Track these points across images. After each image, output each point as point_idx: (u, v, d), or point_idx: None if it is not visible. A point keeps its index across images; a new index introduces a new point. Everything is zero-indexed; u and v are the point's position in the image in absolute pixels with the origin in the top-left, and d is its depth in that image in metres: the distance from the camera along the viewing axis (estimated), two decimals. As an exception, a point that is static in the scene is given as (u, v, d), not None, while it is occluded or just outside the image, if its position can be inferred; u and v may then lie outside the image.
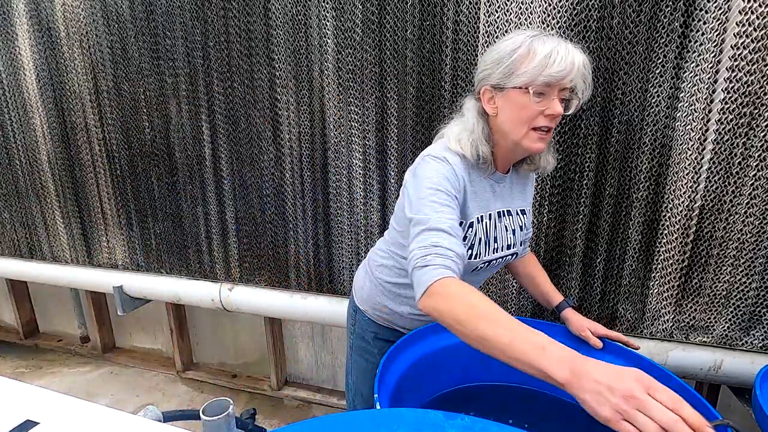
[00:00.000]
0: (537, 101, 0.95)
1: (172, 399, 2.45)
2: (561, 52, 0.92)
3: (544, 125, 0.97)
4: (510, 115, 0.99)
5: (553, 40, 0.93)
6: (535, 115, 0.96)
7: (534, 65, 0.92)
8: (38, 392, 0.78)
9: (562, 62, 0.91)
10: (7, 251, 2.58)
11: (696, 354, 1.56)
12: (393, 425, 0.59)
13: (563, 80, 0.93)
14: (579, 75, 0.95)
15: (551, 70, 0.91)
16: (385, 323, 1.25)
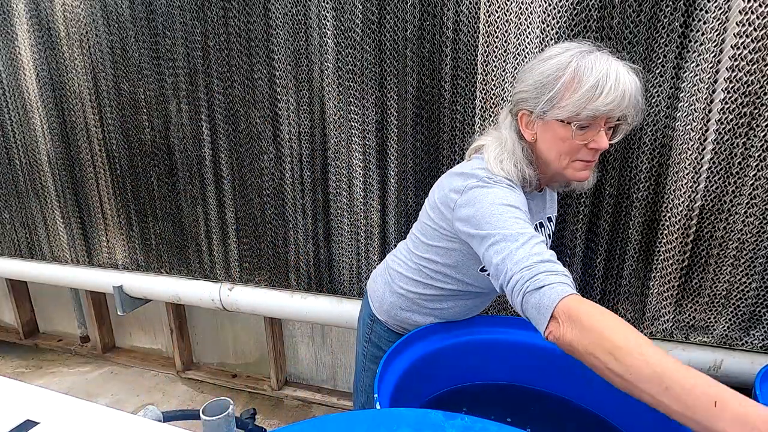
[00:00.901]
0: (580, 134, 0.85)
1: (172, 399, 2.45)
2: (611, 80, 0.80)
3: (586, 158, 0.88)
4: (550, 146, 0.90)
5: (602, 62, 0.82)
6: (577, 149, 0.88)
7: (578, 97, 0.81)
8: (38, 392, 0.78)
9: (611, 93, 0.80)
10: (7, 251, 2.58)
11: (696, 354, 1.56)
12: (393, 425, 0.59)
13: (612, 113, 0.83)
14: (630, 106, 0.84)
15: (598, 104, 0.81)
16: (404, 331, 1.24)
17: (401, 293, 1.20)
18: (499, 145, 0.95)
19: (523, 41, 1.47)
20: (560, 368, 1.24)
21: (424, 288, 1.17)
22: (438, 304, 1.18)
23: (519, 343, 1.27)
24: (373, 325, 1.28)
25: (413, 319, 1.21)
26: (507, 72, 1.52)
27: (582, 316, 0.70)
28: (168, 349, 2.72)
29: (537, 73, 0.88)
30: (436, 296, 1.17)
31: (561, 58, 0.85)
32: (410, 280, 1.18)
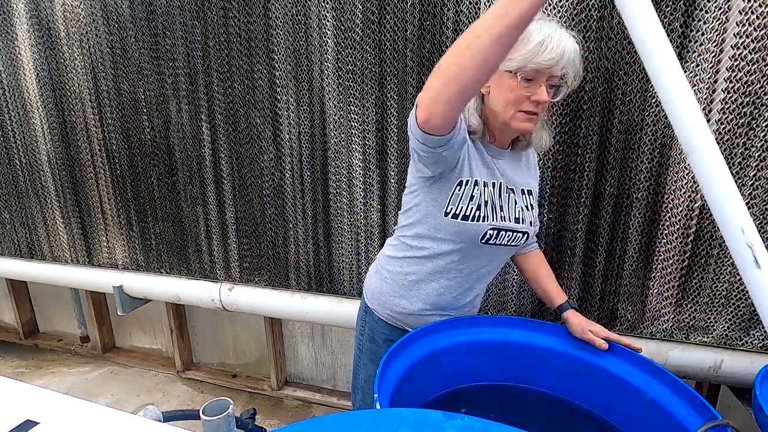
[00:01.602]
0: (525, 86, 0.98)
1: (172, 399, 2.45)
2: (554, 40, 0.94)
3: (528, 109, 1.01)
4: (499, 96, 1.03)
5: (549, 27, 0.96)
6: (522, 99, 1.00)
7: (525, 52, 0.95)
8: (38, 392, 0.78)
9: (552, 51, 0.94)
10: (7, 251, 2.58)
11: (696, 354, 1.56)
12: (393, 425, 0.59)
13: (552, 68, 0.96)
14: (569, 64, 0.98)
15: (541, 58, 0.94)
16: (397, 323, 1.24)
17: (387, 277, 1.23)
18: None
19: (523, 41, 1.47)
20: (560, 368, 1.25)
21: (407, 263, 1.19)
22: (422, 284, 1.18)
23: (519, 343, 1.28)
24: (367, 317, 1.30)
25: (401, 305, 1.21)
26: (507, 72, 1.52)
27: (434, 73, 0.85)
28: (168, 349, 2.72)
29: None
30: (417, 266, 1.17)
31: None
32: (394, 259, 1.22)
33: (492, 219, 1.09)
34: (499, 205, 1.11)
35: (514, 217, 1.14)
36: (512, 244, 1.17)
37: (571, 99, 1.48)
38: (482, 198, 1.08)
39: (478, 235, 1.09)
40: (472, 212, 1.07)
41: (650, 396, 1.10)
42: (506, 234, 1.13)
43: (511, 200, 1.14)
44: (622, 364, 1.18)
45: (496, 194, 1.11)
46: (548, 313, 1.70)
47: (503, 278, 1.71)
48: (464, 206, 1.07)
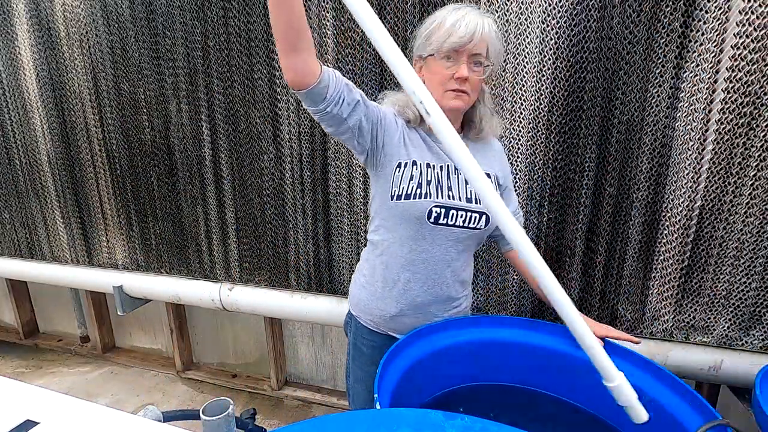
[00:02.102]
0: (447, 66, 1.06)
1: (172, 399, 2.45)
2: (465, 20, 1.02)
3: (454, 88, 1.07)
4: (430, 80, 1.10)
5: (463, 11, 1.04)
6: (446, 78, 1.06)
7: (440, 34, 1.04)
8: (38, 392, 0.78)
9: (464, 30, 1.02)
10: (7, 251, 2.58)
11: (696, 354, 1.56)
12: (393, 425, 0.59)
13: (466, 46, 1.03)
14: (483, 41, 1.04)
15: (454, 38, 1.02)
16: (380, 329, 1.24)
17: (363, 282, 1.25)
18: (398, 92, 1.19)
19: (523, 41, 1.47)
20: (560, 368, 1.25)
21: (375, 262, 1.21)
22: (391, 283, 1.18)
23: (519, 343, 1.28)
24: (351, 323, 1.32)
25: (380, 308, 1.21)
26: (507, 72, 1.52)
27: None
28: (168, 349, 2.72)
29: (423, 25, 1.11)
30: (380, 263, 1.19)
31: (440, 11, 1.08)
32: (366, 262, 1.25)
33: (436, 196, 1.11)
34: (447, 185, 1.13)
35: (465, 197, 1.14)
36: (471, 225, 1.15)
37: (571, 99, 1.48)
38: (424, 177, 1.11)
39: (423, 213, 1.10)
40: (413, 190, 1.10)
41: (650, 396, 1.10)
42: (458, 213, 1.13)
43: (461, 181, 1.15)
44: (623, 364, 1.17)
45: (444, 175, 1.14)
46: (548, 313, 1.70)
47: (503, 278, 1.71)
48: (405, 185, 1.10)
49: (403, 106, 1.15)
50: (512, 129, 1.56)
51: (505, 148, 1.59)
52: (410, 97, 0.84)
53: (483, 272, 1.73)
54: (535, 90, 1.50)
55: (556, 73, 1.47)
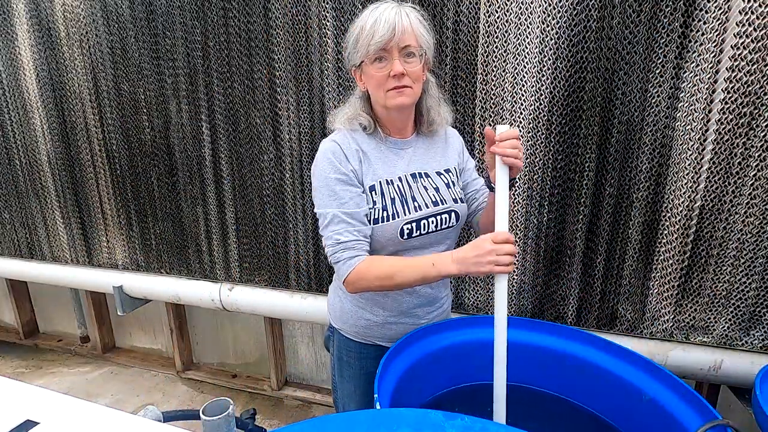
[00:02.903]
0: (380, 67, 1.03)
1: (172, 399, 2.45)
2: (384, 17, 0.99)
3: (393, 86, 1.03)
4: (370, 86, 1.08)
5: (381, 8, 1.01)
6: (383, 79, 1.04)
7: (363, 39, 1.02)
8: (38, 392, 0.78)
9: (383, 28, 0.99)
10: (7, 251, 2.58)
11: (696, 354, 1.56)
12: (393, 425, 0.59)
13: (391, 42, 1.00)
14: (407, 33, 1.01)
15: (375, 39, 1.00)
16: (363, 339, 1.22)
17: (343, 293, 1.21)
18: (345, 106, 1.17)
19: (523, 41, 1.47)
20: (560, 368, 1.25)
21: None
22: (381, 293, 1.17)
23: (519, 343, 1.27)
24: (333, 337, 1.28)
25: (365, 318, 1.19)
26: (507, 72, 1.52)
27: (363, 276, 1.05)
28: (168, 349, 2.72)
29: (348, 34, 1.08)
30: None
31: (360, 16, 1.05)
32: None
33: (404, 213, 1.09)
34: (411, 196, 1.12)
35: (431, 201, 1.13)
36: (444, 227, 1.15)
37: (571, 99, 1.48)
38: (387, 198, 1.09)
39: (395, 233, 1.09)
40: (379, 214, 1.08)
41: (650, 396, 1.10)
42: (428, 221, 1.12)
43: (420, 187, 1.13)
44: (622, 364, 1.17)
45: (405, 186, 1.12)
46: (548, 313, 1.70)
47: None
48: (371, 212, 1.09)
49: (355, 116, 1.12)
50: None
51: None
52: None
53: (483, 272, 1.73)
54: (535, 90, 1.50)
55: (556, 73, 1.47)
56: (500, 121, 1.57)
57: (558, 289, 1.67)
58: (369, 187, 1.09)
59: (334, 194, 1.07)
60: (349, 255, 1.05)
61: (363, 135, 1.12)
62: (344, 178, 1.07)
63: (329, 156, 1.08)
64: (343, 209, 1.06)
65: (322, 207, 1.09)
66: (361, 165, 1.09)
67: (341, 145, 1.09)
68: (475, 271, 0.97)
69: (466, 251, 0.99)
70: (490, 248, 0.95)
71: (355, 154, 1.09)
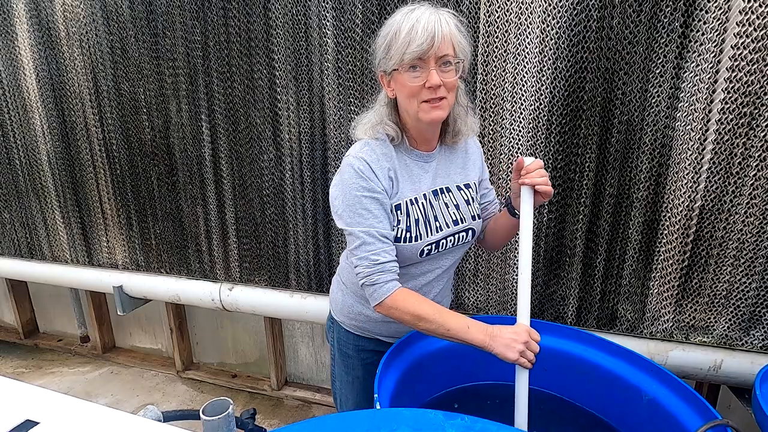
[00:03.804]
0: (415, 77, 0.97)
1: (172, 399, 2.45)
2: (421, 24, 0.94)
3: (429, 97, 0.99)
4: (401, 94, 1.02)
5: (416, 14, 0.95)
6: (417, 90, 0.98)
7: (398, 45, 0.96)
8: (38, 392, 0.78)
9: (422, 36, 0.93)
10: (7, 251, 2.58)
11: (696, 354, 1.56)
12: (393, 425, 0.59)
13: (429, 51, 0.94)
14: (446, 38, 0.95)
15: (412, 47, 0.94)
16: (363, 333, 1.23)
17: (349, 287, 1.22)
18: (369, 113, 1.11)
19: (523, 41, 1.47)
20: (560, 368, 1.25)
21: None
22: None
23: (519, 343, 1.27)
24: (334, 328, 1.29)
25: (365, 314, 1.20)
26: (507, 72, 1.52)
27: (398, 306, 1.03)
28: (168, 349, 2.72)
29: (380, 37, 1.02)
30: None
31: (393, 19, 0.99)
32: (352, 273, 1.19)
33: (426, 235, 1.08)
34: (433, 216, 1.10)
35: (451, 221, 1.13)
36: (459, 244, 1.16)
37: (571, 99, 1.48)
38: (411, 218, 1.07)
39: (415, 254, 1.09)
40: (402, 234, 1.07)
41: (650, 396, 1.10)
42: (447, 240, 1.12)
43: (442, 205, 1.12)
44: (622, 363, 1.18)
45: (428, 206, 1.10)
46: (548, 313, 1.70)
47: (503, 278, 1.71)
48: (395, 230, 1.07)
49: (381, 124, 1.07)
50: (512, 129, 1.56)
51: (504, 147, 1.59)
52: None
53: (483, 272, 1.73)
54: (535, 90, 1.50)
55: (556, 73, 1.47)
56: (500, 121, 1.57)
57: (558, 289, 1.67)
58: (395, 206, 1.07)
59: (369, 212, 1.03)
60: (387, 278, 1.03)
61: (390, 147, 1.07)
62: (377, 196, 1.03)
63: (359, 173, 1.03)
64: (378, 228, 1.02)
65: (355, 225, 1.03)
66: (390, 184, 1.06)
67: (371, 164, 1.04)
68: (501, 352, 0.99)
69: (503, 331, 1.01)
70: (526, 339, 0.99)
71: (386, 173, 1.05)
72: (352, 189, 1.03)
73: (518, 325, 1.02)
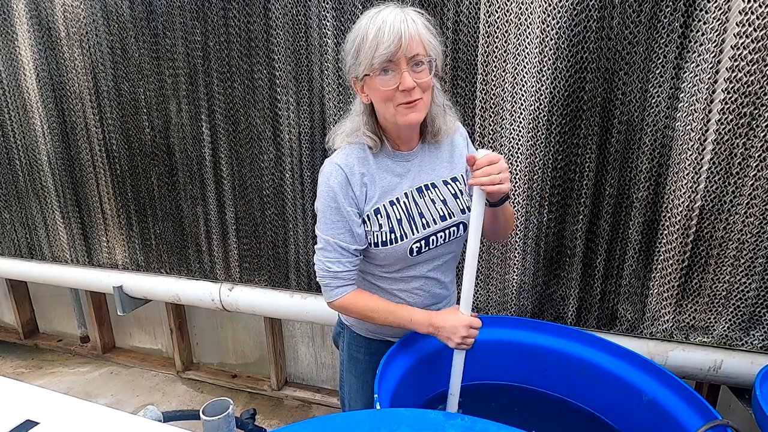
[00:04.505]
0: (387, 80, 0.95)
1: (172, 399, 2.45)
2: (388, 25, 0.91)
3: (403, 101, 0.97)
4: (375, 99, 1.01)
5: (384, 14, 0.93)
6: (391, 93, 0.97)
7: (366, 49, 0.93)
8: (38, 392, 0.78)
9: (389, 37, 0.91)
10: (7, 251, 2.58)
11: (696, 354, 1.56)
12: (393, 425, 0.59)
13: (397, 54, 0.92)
14: (414, 41, 0.93)
15: (380, 51, 0.92)
16: (374, 335, 1.23)
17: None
18: (347, 121, 1.11)
19: (523, 41, 1.47)
20: (560, 368, 1.25)
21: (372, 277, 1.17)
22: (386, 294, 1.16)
23: (519, 343, 1.28)
24: (344, 333, 1.29)
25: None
26: (507, 72, 1.52)
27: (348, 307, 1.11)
28: (168, 349, 2.72)
29: (348, 42, 0.99)
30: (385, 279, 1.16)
31: (360, 23, 0.96)
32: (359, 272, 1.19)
33: (412, 233, 1.08)
34: (418, 213, 1.09)
35: (438, 216, 1.11)
36: (453, 239, 1.15)
37: (571, 99, 1.48)
38: (393, 219, 1.07)
39: (404, 253, 1.09)
40: (386, 237, 1.07)
41: (650, 396, 1.10)
42: (437, 236, 1.11)
43: (428, 201, 1.11)
44: (622, 363, 1.18)
45: (411, 203, 1.09)
46: (548, 314, 1.70)
47: (503, 278, 1.71)
48: (378, 236, 1.07)
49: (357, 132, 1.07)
50: (512, 129, 1.56)
51: (504, 147, 1.59)
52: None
53: (483, 272, 1.73)
54: (535, 90, 1.50)
55: (556, 73, 1.47)
56: (500, 121, 1.57)
57: (558, 289, 1.67)
58: (373, 210, 1.06)
59: (332, 223, 1.06)
60: (336, 284, 1.09)
61: (367, 152, 1.07)
62: (341, 208, 1.05)
63: (331, 183, 1.04)
64: (338, 240, 1.06)
65: (320, 230, 1.09)
66: (364, 189, 1.06)
67: (344, 169, 1.04)
68: (444, 341, 1.08)
69: (445, 321, 1.07)
70: (465, 333, 1.05)
71: (359, 178, 1.05)
72: (322, 194, 1.06)
73: (460, 317, 1.07)
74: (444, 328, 1.06)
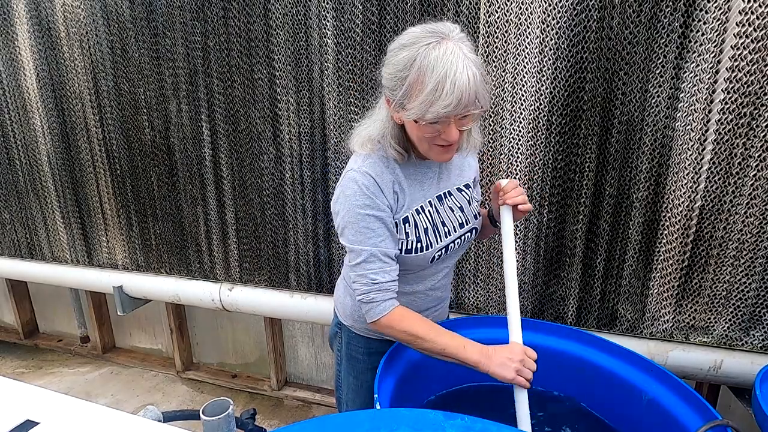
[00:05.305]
0: (432, 128, 0.93)
1: (172, 399, 2.45)
2: (449, 80, 0.86)
3: (442, 143, 0.96)
4: (411, 132, 1.00)
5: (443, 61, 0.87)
6: (431, 138, 0.96)
7: (420, 101, 0.89)
8: (38, 392, 0.78)
9: (448, 96, 0.86)
10: (7, 251, 2.58)
11: (696, 354, 1.56)
12: (393, 425, 0.59)
13: (453, 113, 0.89)
14: (470, 99, 0.89)
15: (438, 107, 0.88)
16: (374, 335, 1.22)
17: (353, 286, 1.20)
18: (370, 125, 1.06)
19: (523, 41, 1.47)
20: (560, 368, 1.25)
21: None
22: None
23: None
24: (342, 334, 1.28)
25: None
26: (507, 72, 1.52)
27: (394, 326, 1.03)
28: (168, 349, 2.72)
29: (392, 63, 0.94)
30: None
31: (409, 53, 0.90)
32: None
33: (436, 242, 1.09)
34: (440, 221, 1.11)
35: (458, 224, 1.14)
36: (465, 245, 1.19)
37: (571, 99, 1.48)
38: (420, 228, 1.07)
39: (426, 261, 1.10)
40: (412, 245, 1.07)
41: (650, 396, 1.10)
42: (455, 243, 1.14)
43: (447, 209, 1.13)
44: (622, 363, 1.18)
45: (434, 213, 1.10)
46: (548, 314, 1.70)
47: (503, 278, 1.71)
48: (404, 243, 1.06)
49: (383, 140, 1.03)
50: (512, 129, 1.56)
51: (504, 147, 1.59)
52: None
53: (483, 272, 1.73)
54: (535, 90, 1.50)
55: (556, 73, 1.47)
56: (500, 121, 1.57)
57: (558, 289, 1.67)
58: (402, 219, 1.06)
59: (371, 231, 1.01)
60: (383, 297, 1.02)
61: (391, 159, 1.05)
62: (380, 214, 1.01)
63: (363, 190, 1.01)
64: (381, 248, 1.01)
65: (356, 243, 1.01)
66: (395, 196, 1.05)
67: (376, 178, 1.01)
68: (496, 371, 0.98)
69: (497, 350, 1.00)
70: (521, 357, 0.98)
71: (391, 186, 1.03)
72: (355, 206, 1.00)
73: (512, 344, 1.02)
74: (495, 356, 0.98)
